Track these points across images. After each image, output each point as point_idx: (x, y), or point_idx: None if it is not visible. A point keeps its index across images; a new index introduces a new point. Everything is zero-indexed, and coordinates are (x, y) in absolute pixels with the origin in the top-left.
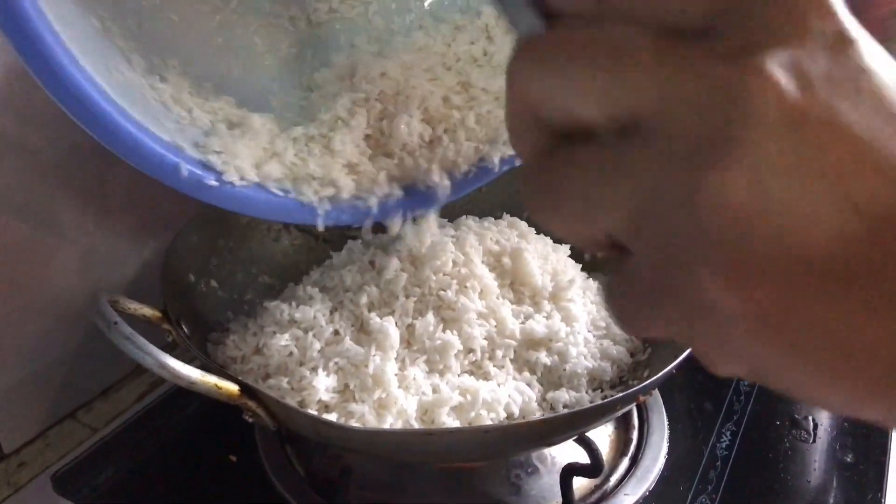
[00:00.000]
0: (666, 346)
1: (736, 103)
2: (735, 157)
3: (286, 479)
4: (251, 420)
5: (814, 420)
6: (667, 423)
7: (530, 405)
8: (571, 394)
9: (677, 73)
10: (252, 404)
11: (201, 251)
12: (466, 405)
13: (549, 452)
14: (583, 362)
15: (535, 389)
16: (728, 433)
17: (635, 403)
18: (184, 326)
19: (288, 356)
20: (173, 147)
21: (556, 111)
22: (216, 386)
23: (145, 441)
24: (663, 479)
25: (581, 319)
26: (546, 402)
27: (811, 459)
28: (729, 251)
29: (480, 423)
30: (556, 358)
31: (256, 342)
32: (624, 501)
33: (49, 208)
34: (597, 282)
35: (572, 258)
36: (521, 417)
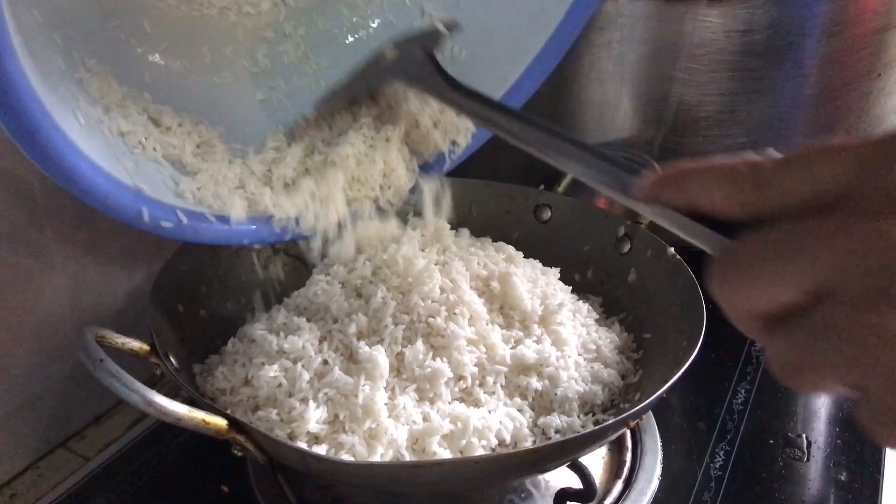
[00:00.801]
0: (657, 369)
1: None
2: None
3: None
4: (240, 454)
5: (807, 438)
6: (660, 443)
7: (522, 431)
8: (563, 418)
9: (842, 242)
10: (241, 438)
11: (190, 280)
12: (457, 433)
13: (542, 477)
14: (574, 386)
15: (526, 415)
16: (722, 453)
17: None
18: (172, 359)
19: (277, 387)
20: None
21: (765, 305)
22: (204, 421)
23: (137, 471)
24: (657, 502)
25: (571, 343)
26: (538, 428)
27: (806, 478)
28: None
29: (472, 451)
30: (546, 383)
31: (245, 373)
32: None
33: (37, 237)
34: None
35: (561, 281)
36: (513, 444)
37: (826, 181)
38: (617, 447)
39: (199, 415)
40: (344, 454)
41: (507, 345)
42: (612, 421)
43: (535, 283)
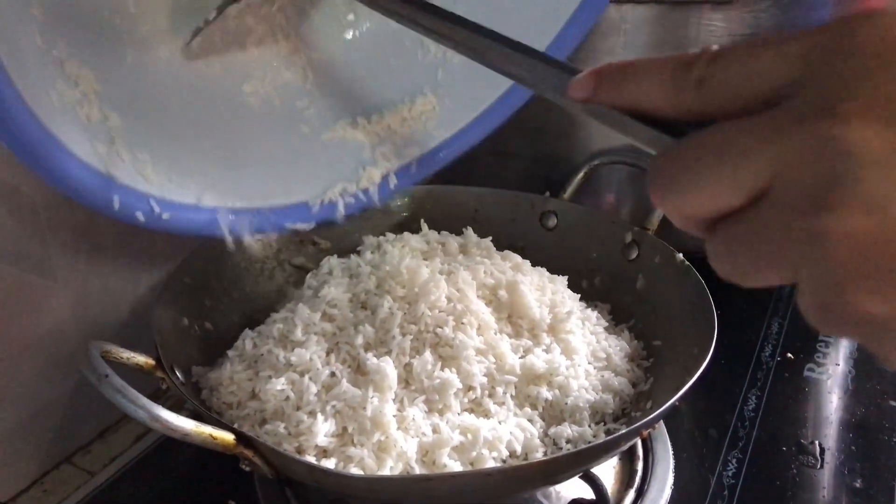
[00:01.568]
0: (667, 376)
1: (836, 153)
2: (848, 195)
3: None
4: (248, 469)
5: (821, 445)
6: (671, 452)
7: (532, 441)
8: (574, 428)
9: (781, 146)
10: (249, 453)
11: (195, 293)
12: (467, 444)
13: (553, 488)
14: (584, 395)
15: (536, 425)
16: (734, 461)
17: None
18: (178, 373)
19: (284, 401)
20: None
21: (706, 210)
22: (211, 436)
23: (143, 486)
24: None
25: (581, 352)
26: (548, 438)
27: (820, 486)
28: (865, 270)
29: (482, 463)
30: (557, 392)
31: (252, 387)
32: None
33: (40, 250)
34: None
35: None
36: (524, 454)
37: (768, 78)
38: (628, 456)
39: (206, 430)
40: (353, 468)
41: (516, 354)
42: (625, 430)
43: (543, 291)
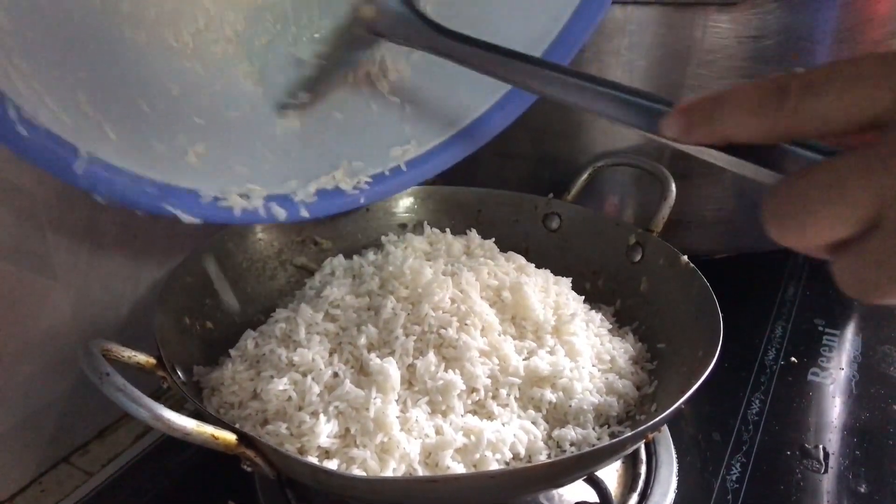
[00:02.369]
0: (672, 379)
1: None
2: None
3: None
4: (249, 469)
5: (825, 449)
6: (675, 455)
7: (536, 444)
8: (578, 431)
9: (888, 178)
10: (251, 453)
11: (195, 292)
12: (471, 446)
13: (556, 491)
14: (588, 398)
15: (540, 427)
16: (738, 465)
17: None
18: (179, 373)
19: (287, 401)
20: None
21: (822, 240)
22: (213, 436)
23: (142, 487)
24: None
25: (585, 354)
26: (552, 440)
27: (824, 490)
28: None
29: (485, 465)
30: (561, 394)
31: (254, 387)
32: None
33: (40, 249)
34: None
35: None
36: (528, 457)
37: (866, 108)
38: (632, 459)
39: (207, 429)
40: (356, 469)
41: (520, 356)
42: (630, 434)
43: (547, 292)
